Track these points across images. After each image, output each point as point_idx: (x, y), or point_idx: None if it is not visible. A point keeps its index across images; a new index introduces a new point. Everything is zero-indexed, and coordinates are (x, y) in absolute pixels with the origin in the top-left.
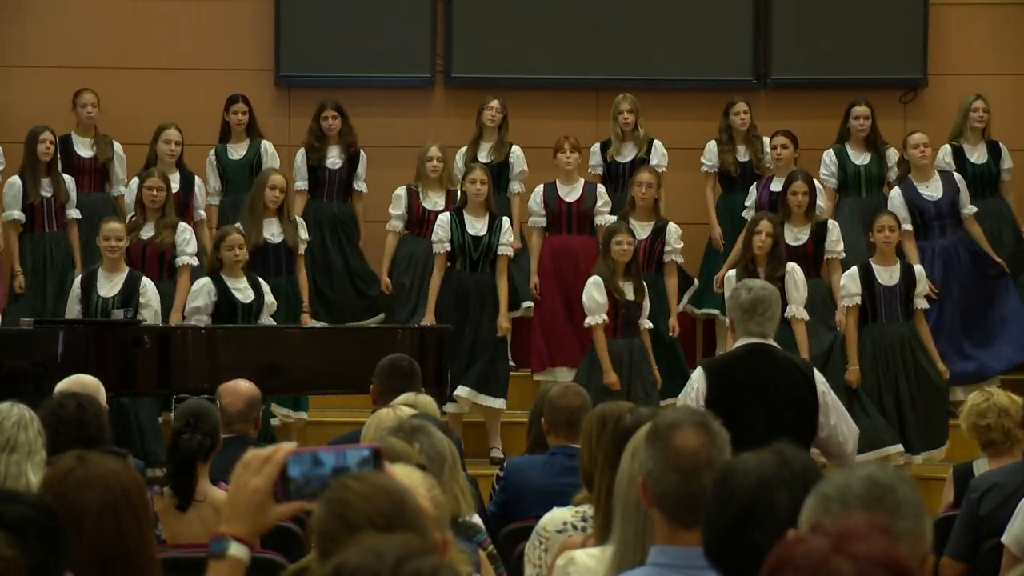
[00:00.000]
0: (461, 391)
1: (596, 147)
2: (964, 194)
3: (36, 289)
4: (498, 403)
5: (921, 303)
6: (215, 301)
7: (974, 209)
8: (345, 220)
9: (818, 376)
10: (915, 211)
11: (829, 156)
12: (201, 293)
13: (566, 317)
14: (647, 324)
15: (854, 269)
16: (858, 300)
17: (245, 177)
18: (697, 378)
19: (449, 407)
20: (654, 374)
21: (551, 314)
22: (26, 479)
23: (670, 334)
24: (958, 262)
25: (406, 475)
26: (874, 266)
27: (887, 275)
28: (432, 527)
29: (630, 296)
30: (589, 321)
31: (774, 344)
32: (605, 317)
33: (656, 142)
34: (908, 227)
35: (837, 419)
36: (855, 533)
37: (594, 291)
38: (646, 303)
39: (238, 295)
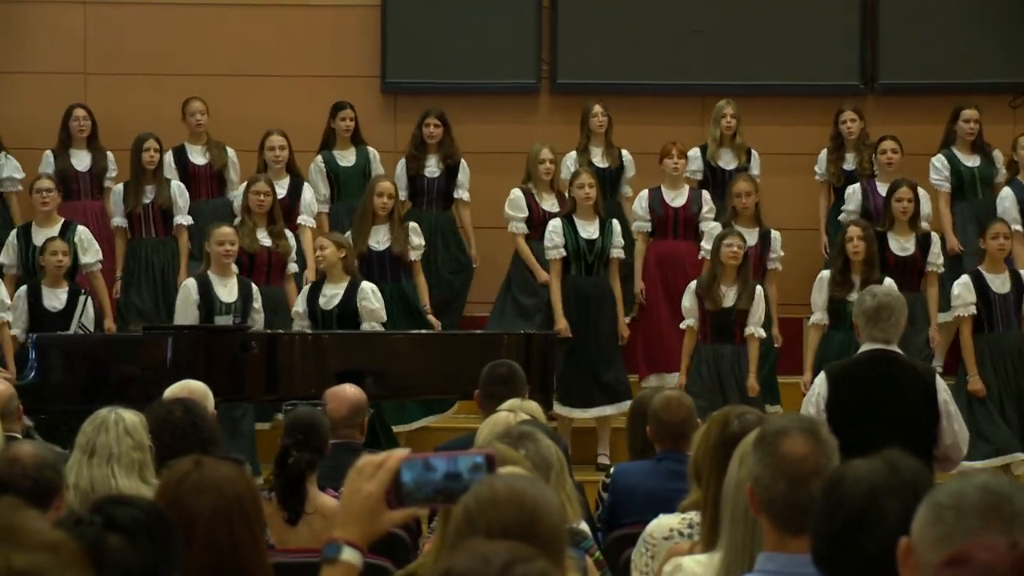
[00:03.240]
0: (602, 411)
1: (696, 151)
2: None
3: (135, 295)
4: (620, 408)
5: None
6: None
7: None
8: (445, 229)
9: (940, 383)
10: None
11: (940, 161)
12: (300, 299)
13: (671, 323)
14: (755, 332)
15: (966, 278)
16: (973, 309)
17: (359, 183)
18: (819, 383)
19: (559, 410)
20: (748, 382)
21: (656, 320)
22: (115, 483)
23: (775, 345)
24: None
25: None
26: (985, 274)
27: (999, 282)
28: (566, 548)
29: (729, 303)
30: (682, 325)
31: (897, 350)
32: (692, 323)
33: (753, 151)
34: (1019, 227)
35: (960, 426)
36: None
37: (685, 296)
38: (756, 310)
39: (321, 301)
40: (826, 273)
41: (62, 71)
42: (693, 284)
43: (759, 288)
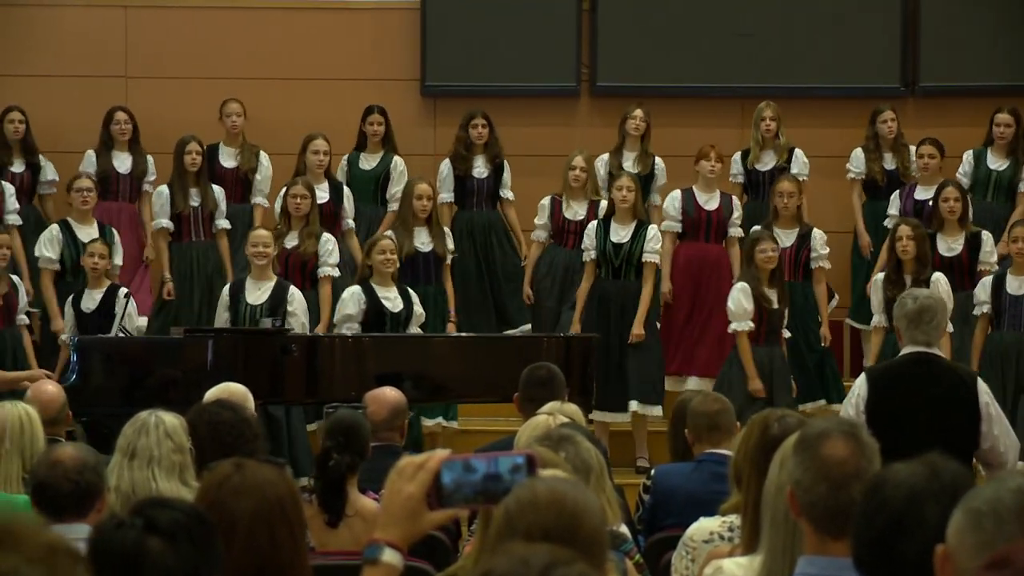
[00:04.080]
0: (631, 406)
1: (737, 156)
2: None
3: (183, 298)
4: (654, 411)
5: None
6: (364, 309)
7: None
8: (497, 228)
9: (982, 386)
10: None
11: (968, 156)
12: (351, 301)
13: (696, 325)
14: (786, 333)
15: (988, 279)
16: (987, 308)
17: (369, 188)
18: (859, 385)
19: (595, 415)
20: (792, 383)
21: (680, 321)
22: (156, 485)
23: (822, 344)
24: None
25: None
26: (1007, 276)
27: (1016, 284)
28: (607, 552)
29: (775, 304)
30: (734, 327)
31: (939, 353)
32: (751, 324)
33: (797, 150)
34: None
35: (1000, 430)
36: None
37: (741, 297)
38: (787, 312)
39: (387, 304)
40: (880, 276)
41: (103, 75)
42: (745, 285)
43: (787, 291)
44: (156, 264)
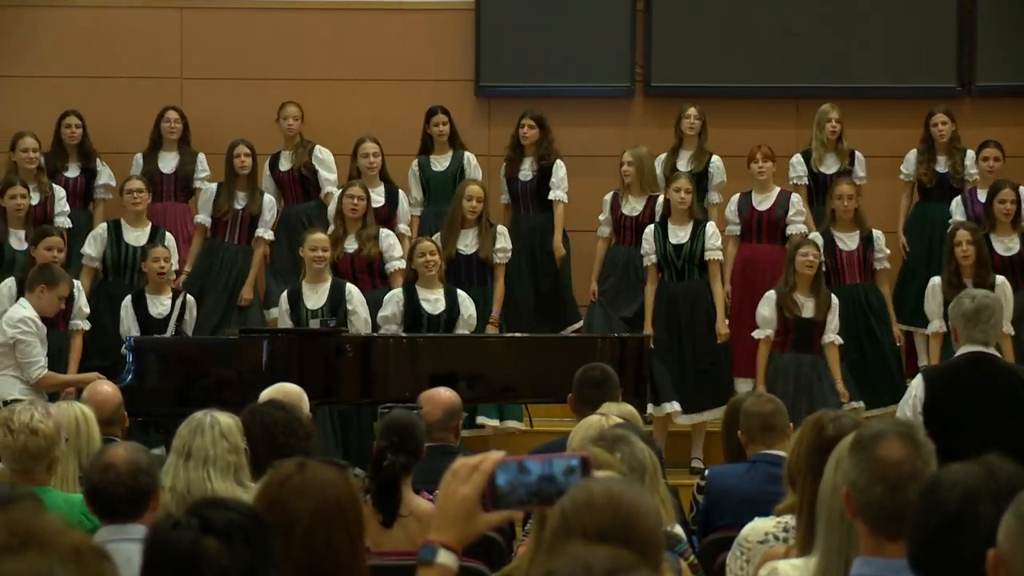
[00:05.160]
0: (713, 414)
1: (797, 157)
2: None
3: (203, 296)
4: (714, 412)
5: None
6: (401, 311)
7: None
8: (543, 230)
9: None
10: None
11: None
12: (390, 303)
13: (749, 327)
14: (834, 339)
15: None
16: None
17: (447, 188)
18: (916, 386)
19: (653, 411)
20: (829, 391)
21: (735, 323)
22: (211, 485)
23: (898, 344)
24: None
25: None
26: None
27: None
28: (663, 551)
29: (808, 313)
30: (755, 334)
31: (996, 353)
32: (770, 332)
33: (858, 153)
34: None
35: None
36: None
37: (763, 306)
38: (832, 319)
39: (426, 306)
40: (937, 280)
41: (159, 76)
42: (772, 294)
43: (834, 297)
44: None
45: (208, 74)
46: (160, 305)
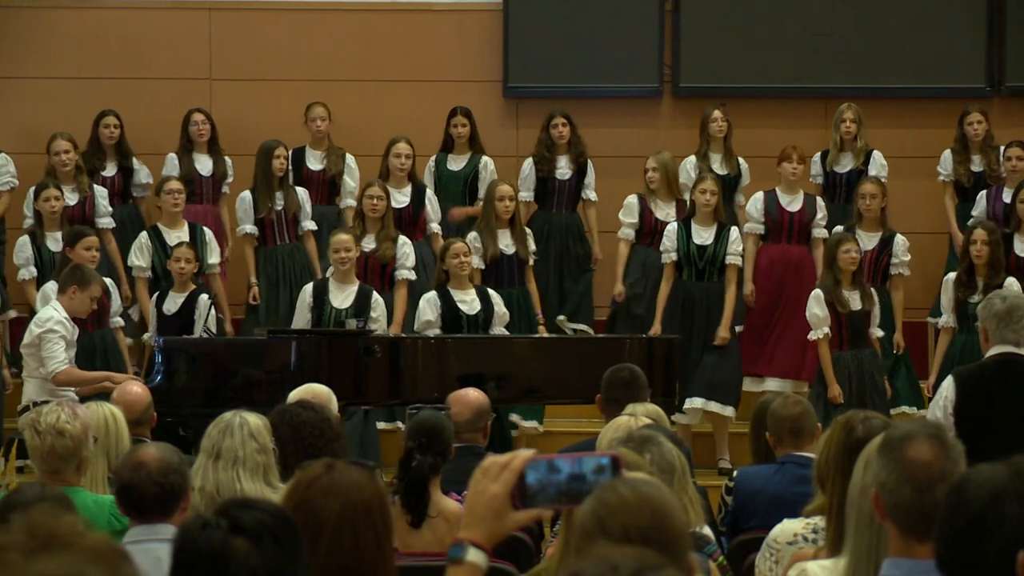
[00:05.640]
0: (691, 402)
1: (817, 157)
2: None
3: (270, 301)
4: (726, 411)
5: None
6: (440, 314)
7: None
8: (574, 230)
9: None
10: None
11: None
12: (429, 307)
13: (777, 327)
14: (878, 333)
15: None
16: None
17: (458, 189)
18: (947, 387)
19: (677, 417)
20: (884, 385)
21: (762, 323)
22: (240, 486)
23: (895, 351)
24: None
25: None
26: None
27: None
28: (690, 550)
29: (856, 306)
30: (812, 336)
31: None
32: (827, 330)
33: (875, 152)
34: None
35: None
36: None
37: (815, 305)
38: (876, 311)
39: (463, 307)
40: (952, 275)
41: (187, 77)
42: (819, 292)
43: (873, 290)
44: (242, 269)
45: (236, 75)
46: (172, 303)
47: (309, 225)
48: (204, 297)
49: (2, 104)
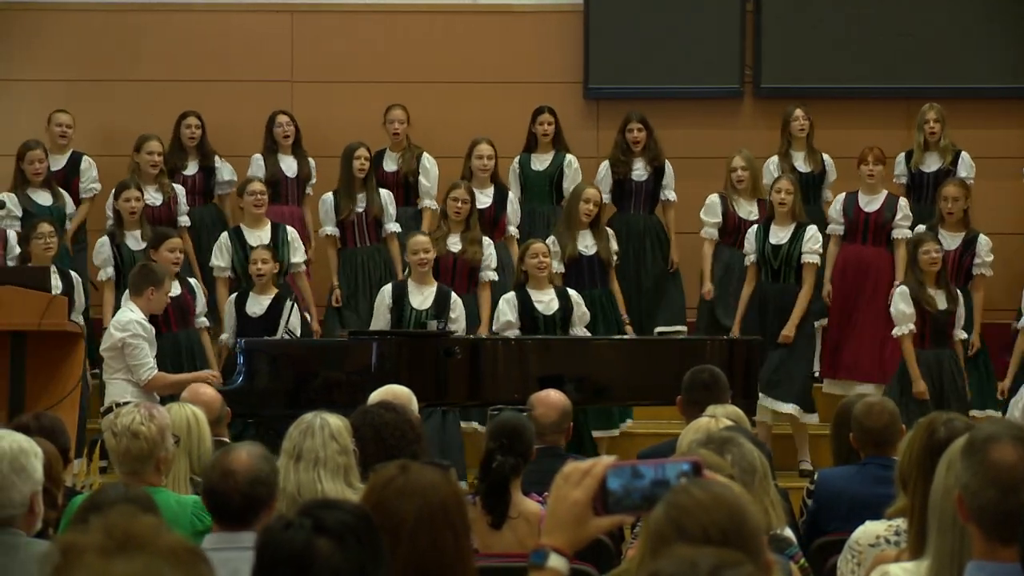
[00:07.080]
0: (779, 406)
1: (901, 157)
2: None
3: (350, 302)
4: (784, 408)
5: None
6: (518, 314)
7: None
8: (652, 232)
9: None
10: None
11: None
12: (508, 308)
13: (853, 328)
14: (961, 335)
15: None
16: None
17: (544, 188)
18: None
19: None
20: (964, 387)
21: (838, 323)
22: (321, 487)
23: (968, 352)
24: None
25: None
26: None
27: None
28: (767, 549)
29: (942, 306)
30: (897, 331)
31: None
32: (912, 327)
33: (964, 153)
34: None
35: None
36: None
37: (900, 301)
38: (960, 312)
39: (540, 307)
40: (906, 289)
41: (269, 79)
42: (905, 288)
43: (958, 291)
44: (325, 271)
45: (317, 77)
46: (257, 305)
47: (393, 227)
48: (289, 301)
49: (86, 107)
